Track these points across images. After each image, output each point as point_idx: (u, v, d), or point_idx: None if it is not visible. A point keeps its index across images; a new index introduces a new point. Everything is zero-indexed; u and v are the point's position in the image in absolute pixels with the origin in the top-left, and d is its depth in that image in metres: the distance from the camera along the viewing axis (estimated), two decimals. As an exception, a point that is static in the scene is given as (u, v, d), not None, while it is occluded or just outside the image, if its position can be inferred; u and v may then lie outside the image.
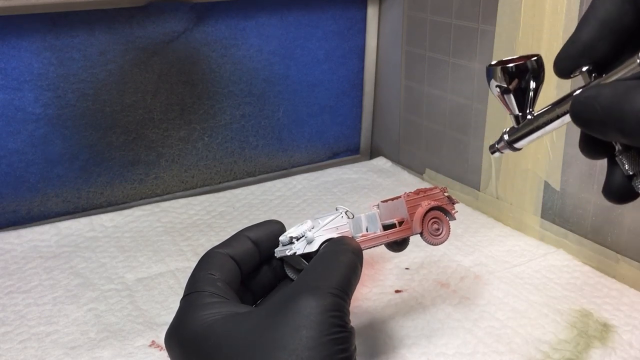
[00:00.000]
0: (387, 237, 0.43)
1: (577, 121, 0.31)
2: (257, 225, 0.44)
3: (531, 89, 0.36)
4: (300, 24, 0.83)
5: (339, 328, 0.34)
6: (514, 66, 0.36)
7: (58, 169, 0.73)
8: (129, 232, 0.70)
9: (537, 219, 0.66)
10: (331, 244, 0.40)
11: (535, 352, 0.49)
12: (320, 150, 0.91)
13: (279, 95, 0.84)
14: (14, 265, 0.63)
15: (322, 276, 0.36)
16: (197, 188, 0.83)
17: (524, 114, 0.36)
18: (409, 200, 0.45)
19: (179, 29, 0.74)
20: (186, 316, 0.37)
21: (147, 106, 0.76)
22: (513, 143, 0.38)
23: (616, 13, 0.31)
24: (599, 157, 0.34)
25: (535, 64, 0.36)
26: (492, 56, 0.67)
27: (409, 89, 0.84)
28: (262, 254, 0.43)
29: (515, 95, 0.36)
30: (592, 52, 0.32)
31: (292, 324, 0.33)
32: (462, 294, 0.57)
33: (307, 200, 0.78)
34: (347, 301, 0.36)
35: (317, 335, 0.33)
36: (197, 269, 0.40)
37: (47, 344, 0.51)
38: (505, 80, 0.36)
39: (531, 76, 0.36)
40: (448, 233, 0.45)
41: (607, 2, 0.31)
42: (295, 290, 0.35)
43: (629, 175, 0.32)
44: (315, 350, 0.32)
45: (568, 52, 0.33)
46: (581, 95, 0.30)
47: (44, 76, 0.69)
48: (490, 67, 0.37)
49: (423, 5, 0.78)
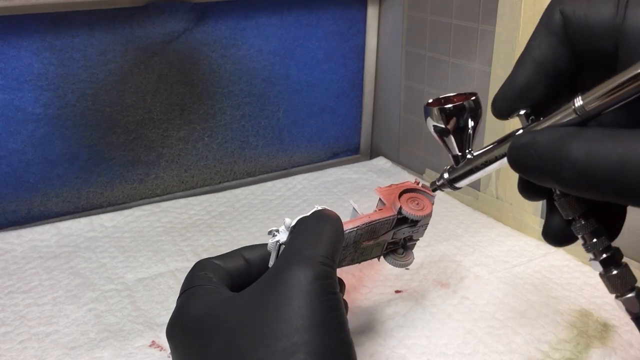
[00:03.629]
0: (369, 217, 0.43)
1: (514, 167, 0.31)
2: (255, 246, 0.44)
3: (469, 128, 0.36)
4: (300, 24, 0.83)
5: (329, 295, 0.34)
6: (452, 106, 0.35)
7: (58, 169, 0.73)
8: (129, 232, 0.69)
9: (537, 219, 0.66)
10: (310, 216, 0.40)
11: (535, 352, 0.49)
12: (320, 150, 0.91)
13: (279, 95, 0.84)
14: (14, 265, 0.63)
15: (307, 246, 0.36)
16: (197, 188, 0.83)
17: (463, 153, 0.36)
18: (382, 190, 0.44)
19: (179, 29, 0.74)
20: (185, 307, 0.37)
21: (147, 106, 0.76)
22: (453, 182, 0.38)
23: (552, 56, 0.31)
24: (537, 199, 0.34)
25: (473, 103, 0.35)
26: (492, 56, 0.68)
27: (409, 89, 0.84)
28: (253, 274, 0.43)
29: (454, 135, 0.36)
30: (528, 95, 0.32)
31: (284, 296, 0.33)
32: (462, 294, 0.57)
33: (307, 200, 0.78)
34: (333, 267, 0.36)
35: (308, 304, 0.33)
36: (191, 272, 0.41)
37: (47, 344, 0.51)
38: (443, 121, 0.35)
39: (469, 115, 0.35)
40: (430, 207, 0.45)
41: (542, 44, 0.31)
42: (283, 262, 0.36)
43: (568, 219, 0.32)
44: (308, 318, 0.33)
45: (505, 95, 0.33)
46: (517, 142, 0.30)
47: (44, 76, 0.69)
48: (427, 106, 0.36)
49: (423, 5, 0.78)
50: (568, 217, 0.32)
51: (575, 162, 0.27)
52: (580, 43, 0.30)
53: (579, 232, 0.32)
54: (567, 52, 0.31)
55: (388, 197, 0.45)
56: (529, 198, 0.35)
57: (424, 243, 0.65)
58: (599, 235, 0.32)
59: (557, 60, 0.31)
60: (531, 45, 0.32)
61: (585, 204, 0.32)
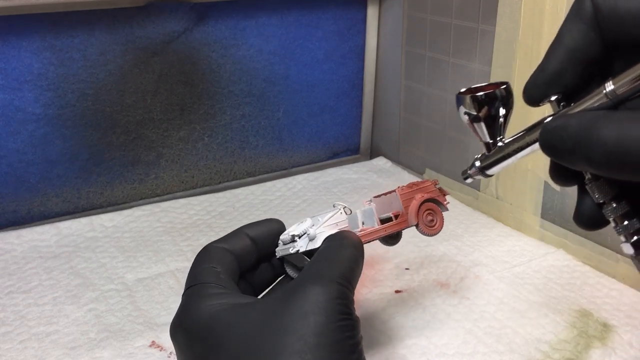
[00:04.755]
0: (385, 231, 0.44)
1: (546, 150, 0.31)
2: (257, 223, 0.44)
3: (501, 116, 0.36)
4: (300, 24, 0.83)
5: (345, 315, 0.34)
6: (484, 94, 0.36)
7: (58, 169, 0.73)
8: (129, 232, 0.69)
9: (537, 219, 0.66)
10: (332, 239, 0.40)
11: (535, 352, 0.49)
12: (320, 150, 0.91)
13: (279, 95, 0.84)
14: (14, 265, 0.63)
15: (327, 267, 0.37)
16: (197, 188, 0.83)
17: (495, 141, 0.37)
18: (403, 194, 0.45)
19: (179, 29, 0.74)
20: (191, 307, 0.37)
21: (147, 106, 0.76)
22: (485, 170, 0.38)
23: (582, 43, 0.32)
24: (569, 185, 0.35)
25: (504, 91, 0.36)
26: (492, 56, 0.68)
27: (409, 89, 0.84)
28: (260, 252, 0.43)
29: (485, 123, 0.37)
30: (560, 81, 0.33)
31: (300, 310, 0.33)
32: (462, 294, 0.57)
33: (307, 200, 0.78)
34: (351, 291, 0.36)
35: (325, 321, 0.33)
36: (196, 262, 0.40)
37: (47, 344, 0.51)
38: (475, 108, 0.36)
39: (500, 104, 0.36)
40: (442, 224, 0.46)
41: (573, 31, 0.32)
42: (301, 280, 0.36)
43: (599, 203, 0.33)
44: (323, 336, 0.33)
45: (537, 81, 0.33)
46: (549, 125, 0.31)
47: (44, 76, 0.69)
48: (459, 95, 0.37)
49: (423, 5, 0.78)
50: (599, 200, 0.33)
51: (605, 143, 0.27)
52: (610, 30, 0.31)
53: (611, 215, 0.33)
54: (597, 39, 0.31)
55: (406, 201, 0.45)
56: (561, 183, 0.35)
57: (424, 243, 0.65)
58: (630, 218, 0.33)
59: (587, 47, 0.32)
60: (562, 33, 0.33)
61: (617, 187, 0.33)
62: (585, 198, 0.34)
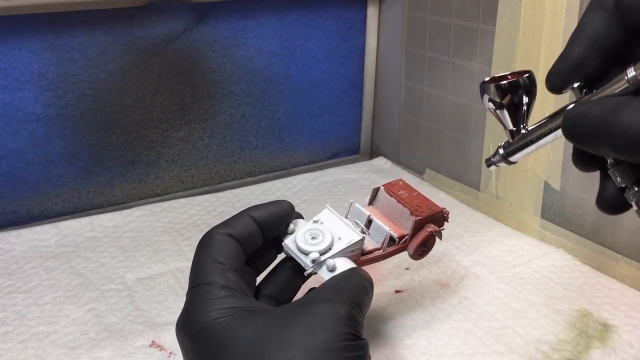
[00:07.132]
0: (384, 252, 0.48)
1: (569, 136, 0.32)
2: (264, 205, 0.43)
3: (524, 104, 0.37)
4: (300, 24, 0.83)
5: (353, 336, 0.35)
6: (507, 83, 0.37)
7: (58, 169, 0.73)
8: (129, 232, 0.70)
9: (537, 219, 0.66)
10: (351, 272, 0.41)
11: (535, 352, 0.49)
12: (320, 150, 0.91)
13: (279, 95, 0.84)
14: (14, 265, 0.63)
15: (339, 289, 0.37)
16: (197, 188, 0.83)
17: (518, 128, 0.38)
18: (417, 220, 0.47)
19: (179, 29, 0.74)
20: (198, 309, 0.37)
21: (147, 106, 0.76)
22: (508, 157, 0.39)
23: (604, 30, 0.32)
24: (591, 170, 0.35)
25: (527, 80, 0.37)
26: (492, 56, 0.67)
27: (409, 89, 0.84)
28: (265, 237, 0.43)
29: (508, 110, 0.37)
30: (582, 69, 0.33)
31: (309, 326, 0.34)
32: (462, 294, 0.57)
33: (307, 200, 0.78)
34: (361, 315, 0.37)
35: (333, 339, 0.33)
36: (202, 254, 0.40)
37: (47, 344, 0.51)
38: (499, 96, 0.37)
39: (524, 92, 0.37)
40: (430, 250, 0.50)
41: (595, 20, 0.32)
42: (312, 298, 0.36)
43: (621, 187, 0.33)
44: (330, 354, 0.33)
45: (559, 69, 0.34)
46: (572, 111, 0.31)
47: (44, 76, 0.69)
48: (483, 83, 0.38)
49: (423, 5, 0.78)
50: (621, 185, 0.33)
51: (628, 128, 0.27)
52: (631, 18, 0.31)
53: (633, 199, 0.33)
54: (619, 27, 0.32)
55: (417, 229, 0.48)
56: (583, 169, 0.35)
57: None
58: None
59: (609, 35, 0.32)
60: (584, 22, 0.33)
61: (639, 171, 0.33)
62: (608, 183, 0.34)
